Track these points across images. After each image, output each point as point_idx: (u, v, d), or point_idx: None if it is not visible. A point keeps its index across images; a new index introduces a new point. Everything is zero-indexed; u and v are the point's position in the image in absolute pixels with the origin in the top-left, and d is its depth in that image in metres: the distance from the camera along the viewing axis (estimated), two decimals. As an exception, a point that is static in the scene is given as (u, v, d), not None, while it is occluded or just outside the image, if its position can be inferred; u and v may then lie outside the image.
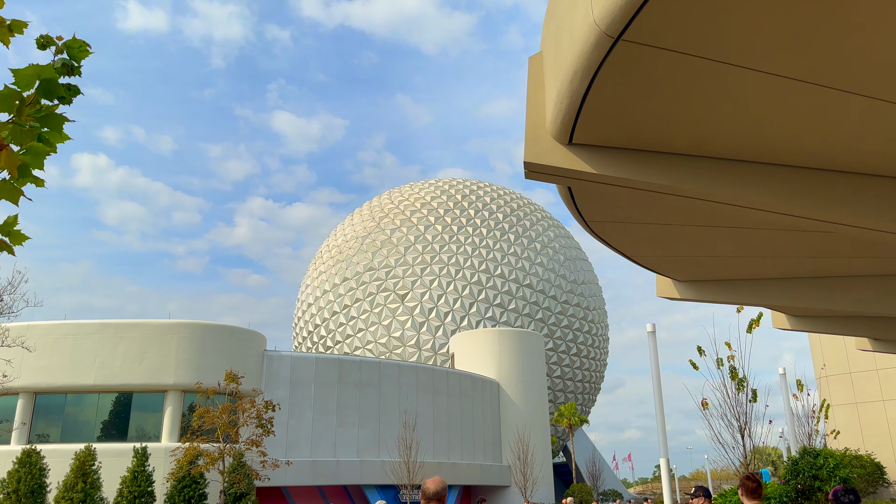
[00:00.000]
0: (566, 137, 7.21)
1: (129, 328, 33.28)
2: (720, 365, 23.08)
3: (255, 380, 34.66)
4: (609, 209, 10.21)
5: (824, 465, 21.09)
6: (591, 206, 9.87)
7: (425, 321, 72.65)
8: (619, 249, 12.17)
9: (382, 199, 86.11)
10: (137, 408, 33.22)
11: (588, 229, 10.66)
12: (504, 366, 47.26)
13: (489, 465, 44.41)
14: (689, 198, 7.56)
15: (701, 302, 15.84)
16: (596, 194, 9.24)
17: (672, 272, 14.21)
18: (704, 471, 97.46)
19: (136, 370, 32.66)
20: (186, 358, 33.34)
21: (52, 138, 2.70)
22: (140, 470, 28.98)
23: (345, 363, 38.99)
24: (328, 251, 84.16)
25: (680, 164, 7.44)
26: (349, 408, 37.92)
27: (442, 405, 41.71)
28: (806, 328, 19.24)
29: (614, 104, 6.18)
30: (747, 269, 13.59)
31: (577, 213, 9.88)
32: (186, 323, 34.18)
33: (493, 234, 77.55)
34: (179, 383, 32.97)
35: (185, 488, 28.88)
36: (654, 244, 12.22)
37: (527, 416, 46.32)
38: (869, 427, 34.61)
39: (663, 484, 21.46)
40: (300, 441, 36.11)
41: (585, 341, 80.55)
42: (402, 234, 77.49)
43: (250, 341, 36.02)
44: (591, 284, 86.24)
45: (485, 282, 74.32)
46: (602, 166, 7.44)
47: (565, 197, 9.29)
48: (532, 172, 7.68)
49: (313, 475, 35.95)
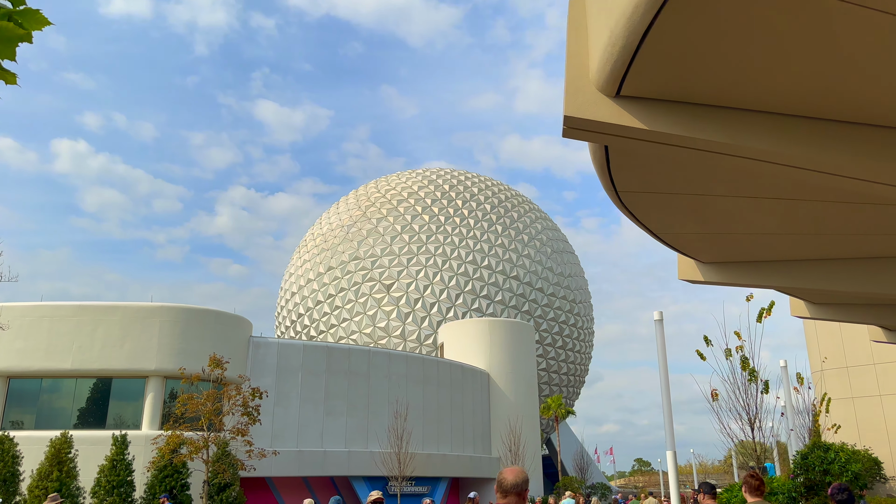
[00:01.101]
0: (614, 88, 6.26)
1: (109, 311, 31.92)
2: (728, 356, 22.35)
3: (241, 367, 33.46)
4: (647, 177, 9.20)
5: (835, 459, 20.43)
6: (626, 174, 8.85)
7: (411, 312, 71.70)
8: (646, 224, 11.22)
9: (369, 188, 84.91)
10: (117, 394, 31.89)
11: (617, 200, 9.70)
12: (494, 356, 46.38)
13: (479, 457, 43.56)
14: (751, 159, 6.62)
15: (725, 285, 15.01)
16: (637, 158, 8.25)
17: (699, 252, 13.29)
18: (689, 465, 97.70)
19: (115, 355, 31.32)
20: (169, 343, 32.06)
21: (27, 22, 2.07)
22: (119, 458, 27.75)
23: (333, 351, 37.88)
24: (313, 240, 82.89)
25: (745, 120, 6.48)
26: (337, 397, 36.84)
27: (432, 395, 40.77)
28: (827, 316, 18.52)
29: (677, 46, 5.23)
30: (784, 248, 12.71)
31: (609, 182, 8.92)
32: (169, 306, 32.88)
33: (480, 225, 76.74)
34: (161, 369, 31.70)
35: (167, 478, 27.71)
36: (690, 219, 11.24)
37: (517, 408, 45.53)
38: (865, 422, 34.17)
39: (670, 479, 20.64)
40: (286, 431, 34.99)
41: (571, 334, 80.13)
42: (389, 223, 76.41)
43: (236, 327, 34.80)
44: (577, 277, 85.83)
45: (471, 273, 73.50)
46: (654, 122, 6.49)
47: (599, 161, 8.29)
48: (572, 129, 6.67)
49: (299, 466, 34.86)
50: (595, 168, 8.77)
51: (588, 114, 6.45)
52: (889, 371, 34.28)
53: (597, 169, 8.70)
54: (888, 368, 34.37)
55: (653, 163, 8.55)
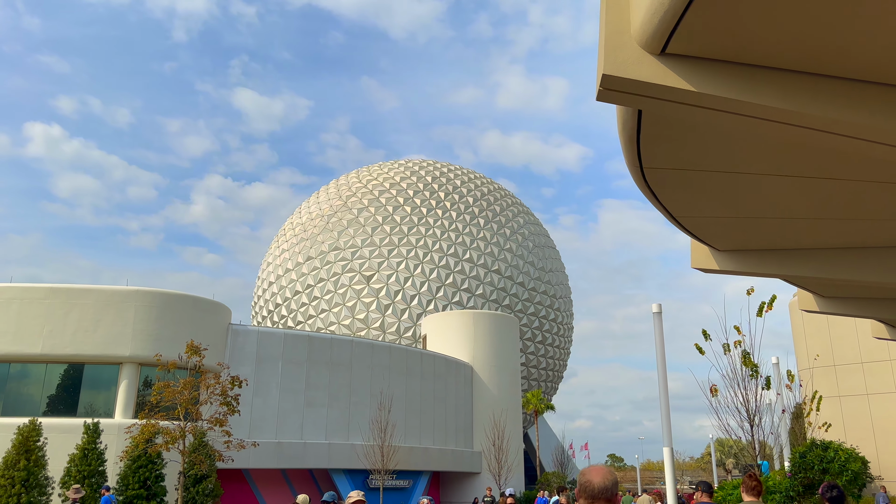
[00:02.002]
0: (660, 45, 5.49)
1: (82, 294, 30.58)
2: (727, 350, 21.74)
3: (219, 355, 32.33)
4: (678, 151, 8.40)
5: (835, 458, 19.97)
6: (656, 147, 8.05)
7: (391, 304, 70.80)
8: (666, 206, 10.46)
9: (350, 178, 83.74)
10: (89, 381, 30.59)
11: (640, 177, 8.92)
12: (478, 349, 45.63)
13: (461, 451, 42.83)
14: (809, 129, 5.89)
15: (741, 274, 14.37)
16: (672, 128, 7.45)
17: (718, 238, 12.58)
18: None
19: (88, 340, 30.01)
20: (144, 328, 30.82)
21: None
22: (91, 447, 26.56)
23: (315, 340, 36.85)
24: (292, 229, 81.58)
25: (808, 85, 5.73)
26: (318, 387, 35.83)
27: (415, 387, 39.92)
28: (836, 310, 18.02)
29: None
30: (812, 234, 12.04)
31: (636, 155, 8.14)
32: (145, 291, 31.63)
33: (462, 217, 76.03)
34: (136, 355, 30.47)
35: (141, 468, 26.57)
36: (716, 200, 10.49)
37: (500, 401, 44.84)
38: (852, 421, 34.03)
39: (667, 476, 20.04)
40: (265, 421, 33.94)
41: (551, 329, 79.86)
42: (370, 213, 75.39)
43: (214, 313, 33.63)
44: (558, 272, 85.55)
45: (453, 266, 72.80)
46: (703, 83, 5.73)
47: (628, 132, 7.47)
48: (608, 91, 5.87)
49: (278, 458, 33.83)
50: (622, 139, 7.98)
51: (629, 72, 5.70)
52: (876, 370, 34.19)
53: (624, 140, 7.91)
54: (875, 368, 34.27)
55: (688, 134, 7.78)
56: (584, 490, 3.42)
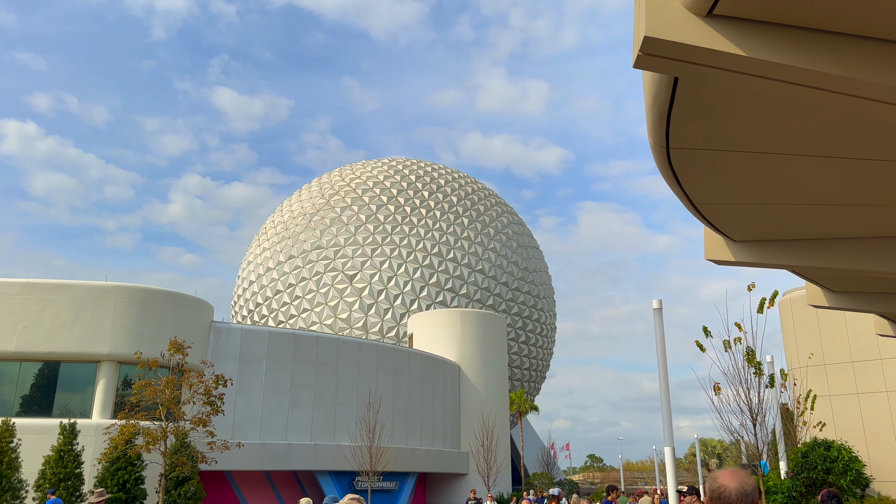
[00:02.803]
0: (707, 5, 4.94)
1: (58, 289, 29.42)
2: (728, 347, 21.25)
3: (201, 353, 31.33)
4: (712, 128, 7.76)
5: (838, 457, 19.53)
6: (688, 123, 7.40)
7: (374, 303, 69.97)
8: (687, 190, 9.84)
9: (333, 177, 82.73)
10: (65, 379, 29.43)
11: (664, 157, 8.29)
12: (466, 348, 44.92)
13: (448, 452, 42.07)
14: (860, 98, 5.31)
15: (756, 266, 13.80)
16: (709, 100, 6.80)
17: (736, 227, 12.00)
18: (649, 461, 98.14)
19: (65, 337, 28.87)
20: (124, 325, 29.74)
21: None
22: (67, 449, 25.49)
23: (301, 338, 35.90)
24: (273, 227, 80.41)
25: (862, 49, 5.16)
26: (303, 387, 34.90)
27: (402, 387, 39.10)
28: (846, 305, 17.56)
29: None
30: (842, 222, 11.49)
31: (664, 133, 7.51)
32: (125, 286, 30.53)
33: (446, 217, 75.40)
34: (115, 353, 29.38)
35: (120, 470, 25.54)
36: (745, 185, 9.86)
37: (488, 401, 44.17)
38: (843, 420, 33.80)
39: (669, 477, 19.50)
40: (248, 422, 32.95)
41: (534, 329, 79.50)
42: (353, 212, 74.48)
43: (196, 310, 32.61)
44: (541, 273, 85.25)
45: (436, 265, 72.15)
46: (753, 47, 5.14)
47: (660, 105, 6.81)
48: (648, 56, 5.27)
49: (262, 459, 32.86)
50: (650, 116, 7.32)
51: (673, 35, 5.10)
52: (867, 370, 34.02)
53: (653, 116, 7.25)
54: (866, 367, 34.11)
55: (726, 108, 7.15)
56: (720, 498, 2.85)
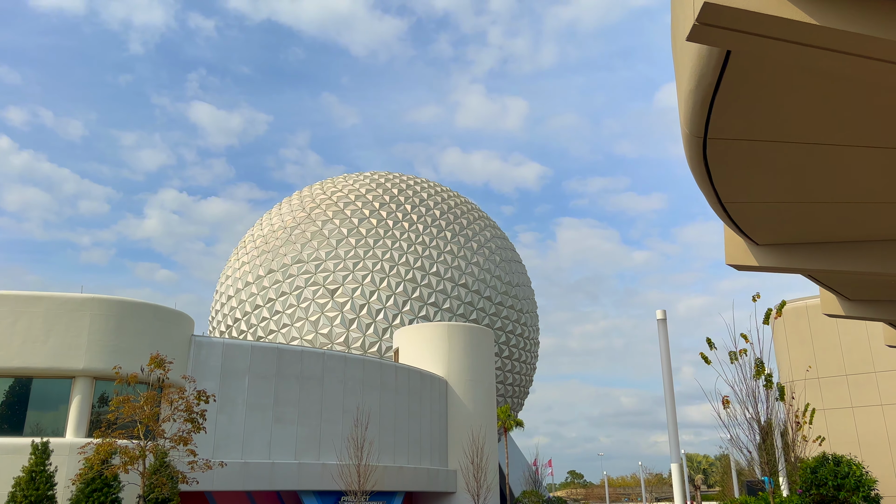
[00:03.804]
0: None
1: (31, 302, 28.07)
2: (734, 359, 20.63)
3: (181, 368, 30.09)
4: (760, 114, 7.15)
5: (850, 473, 18.87)
6: (734, 108, 6.84)
7: (356, 318, 68.82)
8: (719, 187, 9.21)
9: (314, 190, 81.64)
10: (38, 396, 27.97)
11: (699, 150, 7.70)
12: (453, 363, 43.91)
13: (436, 470, 40.90)
14: None
15: (780, 271, 13.17)
16: (762, 81, 6.24)
17: (764, 229, 11.36)
18: (633, 477, 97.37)
19: (38, 351, 27.48)
20: (100, 339, 28.42)
21: None
22: (39, 470, 24.10)
23: (284, 353, 34.71)
24: (252, 241, 79.00)
25: None
26: (287, 403, 33.68)
27: (389, 403, 37.98)
28: (862, 314, 17.05)
29: None
30: (881, 222, 10.90)
31: (704, 121, 6.90)
32: (101, 298, 29.24)
33: (429, 230, 74.63)
34: (91, 368, 28.03)
35: (96, 492, 24.18)
36: (782, 180, 9.21)
37: (476, 417, 43.15)
38: (837, 435, 33.36)
39: (675, 491, 18.79)
40: (230, 440, 31.66)
41: (518, 344, 78.78)
42: (335, 226, 73.43)
43: (176, 324, 31.36)
44: (524, 287, 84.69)
45: (419, 279, 71.27)
46: (827, 15, 4.72)
47: (703, 89, 6.28)
48: (705, 26, 4.91)
49: (244, 479, 31.55)
50: (691, 101, 6.67)
51: (737, 1, 4.52)
52: (861, 383, 33.68)
53: (695, 101, 6.59)
54: (860, 380, 33.77)
55: (779, 88, 6.50)
56: None
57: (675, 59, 7.35)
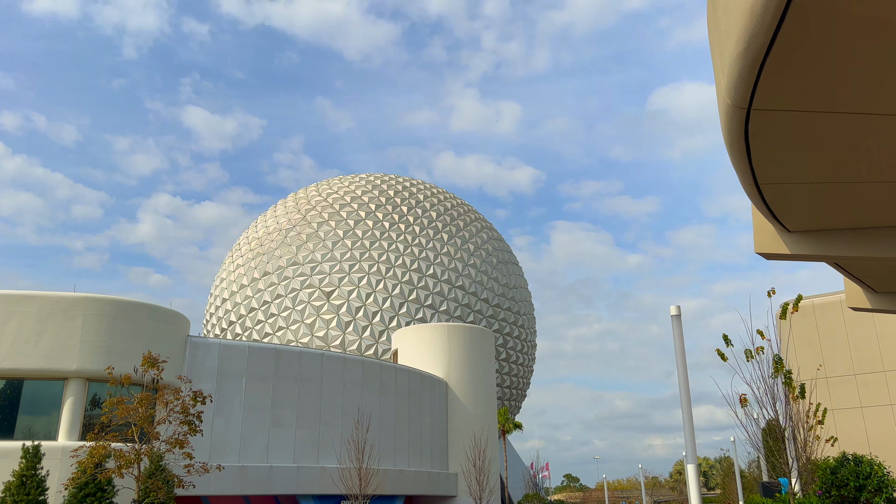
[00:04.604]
0: None
1: (22, 301, 27.24)
2: (750, 357, 20.00)
3: (177, 369, 29.31)
4: (814, 80, 6.54)
5: (871, 473, 18.25)
6: (787, 73, 6.27)
7: (352, 321, 68.08)
8: (758, 166, 8.69)
9: (309, 192, 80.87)
10: (29, 398, 27.13)
11: (741, 121, 7.21)
12: (454, 364, 43.16)
13: (436, 473, 40.13)
14: None
15: (812, 259, 12.59)
16: (825, 37, 5.72)
17: (799, 213, 10.76)
18: (633, 480, 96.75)
19: (29, 352, 26.66)
20: (93, 339, 27.61)
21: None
22: (30, 474, 23.28)
23: (283, 354, 33.92)
24: (247, 243, 78.15)
25: None
26: (286, 405, 32.89)
27: (389, 405, 37.23)
28: (891, 307, 16.49)
29: None
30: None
31: (750, 89, 6.36)
32: (95, 297, 28.44)
33: (425, 232, 73.96)
34: (84, 370, 27.22)
35: (89, 497, 23.35)
36: (829, 156, 8.62)
37: (476, 419, 42.43)
38: (846, 436, 32.74)
39: (691, 494, 18.12)
40: (227, 443, 30.85)
41: (515, 346, 78.16)
42: (331, 228, 72.68)
43: (171, 324, 30.57)
44: (521, 289, 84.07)
45: (416, 281, 70.57)
46: None
47: (754, 51, 5.81)
48: None
49: (241, 483, 30.74)
50: (737, 67, 6.15)
51: None
52: (871, 382, 33.13)
53: (741, 67, 6.07)
54: (869, 379, 33.22)
55: (836, 53, 5.92)
56: None
57: (718, 25, 6.72)
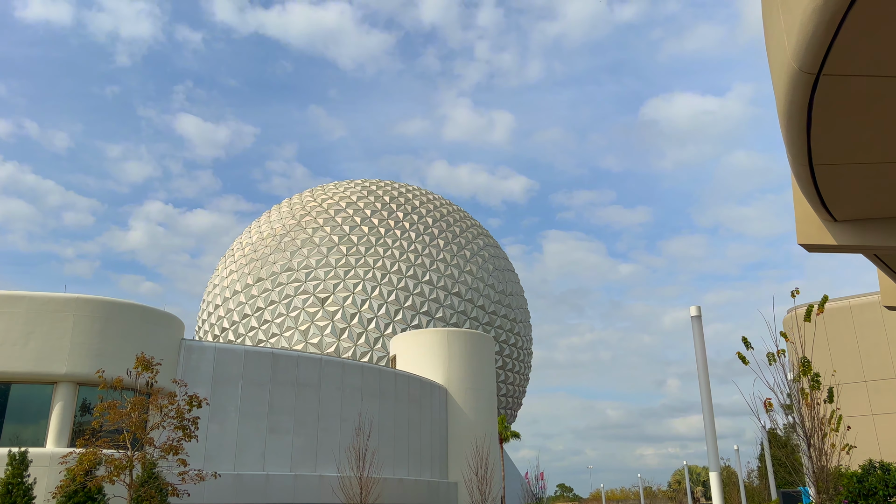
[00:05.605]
0: None
1: (11, 301, 26.19)
2: (772, 361, 19.22)
3: (171, 373, 28.30)
4: (888, 41, 5.75)
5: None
6: (867, 31, 5.53)
7: (347, 327, 67.06)
8: (815, 142, 7.83)
9: (304, 197, 79.95)
10: (16, 402, 26.03)
11: (807, 89, 6.42)
12: (453, 370, 42.22)
13: (437, 482, 39.13)
14: None
15: (858, 251, 11.74)
16: None
17: (848, 199, 9.93)
18: (630, 489, 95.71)
19: (17, 354, 25.58)
20: (84, 342, 26.57)
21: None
22: (16, 482, 22.21)
23: (280, 358, 32.91)
24: (241, 249, 77.07)
25: None
26: (283, 412, 31.86)
27: (388, 412, 36.24)
28: (929, 304, 15.72)
29: None
30: None
31: (824, 49, 5.63)
32: (86, 298, 27.41)
33: (421, 238, 73.13)
34: (74, 373, 26.15)
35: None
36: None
37: (477, 427, 41.47)
38: (858, 444, 31.99)
39: (715, 501, 17.30)
40: (222, 450, 29.80)
41: (511, 354, 77.33)
42: (325, 233, 71.73)
43: (165, 326, 29.56)
44: (517, 296, 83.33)
45: (412, 288, 69.68)
46: None
47: (833, 7, 4.93)
48: None
49: (236, 492, 29.65)
50: (810, 25, 5.43)
51: None
52: (882, 389, 32.38)
53: (813, 25, 5.35)
54: (881, 386, 32.47)
55: None
56: None
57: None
